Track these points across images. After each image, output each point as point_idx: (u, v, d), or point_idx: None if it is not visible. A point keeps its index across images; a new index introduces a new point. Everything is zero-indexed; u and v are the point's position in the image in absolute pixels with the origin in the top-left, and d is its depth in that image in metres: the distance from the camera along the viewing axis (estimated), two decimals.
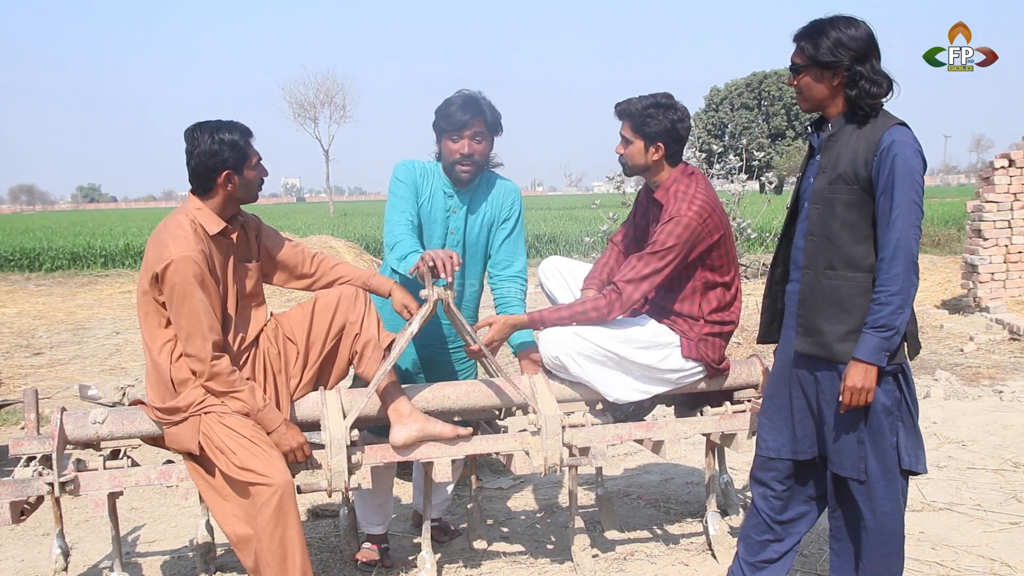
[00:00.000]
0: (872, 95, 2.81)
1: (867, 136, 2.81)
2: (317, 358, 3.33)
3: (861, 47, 2.80)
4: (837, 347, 2.87)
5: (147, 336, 3.14)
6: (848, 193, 2.83)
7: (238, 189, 3.15)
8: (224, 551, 3.98)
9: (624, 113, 3.47)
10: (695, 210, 3.34)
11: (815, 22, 2.90)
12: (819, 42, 2.83)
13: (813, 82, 2.89)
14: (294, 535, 3.03)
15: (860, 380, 2.78)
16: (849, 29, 2.82)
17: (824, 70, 2.84)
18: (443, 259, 3.15)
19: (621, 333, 3.42)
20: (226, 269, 3.19)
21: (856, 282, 2.84)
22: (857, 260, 2.84)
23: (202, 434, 3.06)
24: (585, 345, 3.38)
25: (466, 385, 3.55)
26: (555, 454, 3.34)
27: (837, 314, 2.87)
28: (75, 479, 3.11)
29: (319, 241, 17.21)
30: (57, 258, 20.99)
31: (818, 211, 2.91)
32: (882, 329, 2.75)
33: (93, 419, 3.20)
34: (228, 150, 3.09)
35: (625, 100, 3.48)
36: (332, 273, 3.47)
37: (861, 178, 2.80)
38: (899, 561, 2.98)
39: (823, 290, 2.90)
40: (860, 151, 2.80)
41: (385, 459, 3.30)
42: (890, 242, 2.74)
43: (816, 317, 2.91)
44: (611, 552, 3.92)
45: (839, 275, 2.87)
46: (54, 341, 10.49)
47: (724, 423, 3.60)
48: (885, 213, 2.75)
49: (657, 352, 3.45)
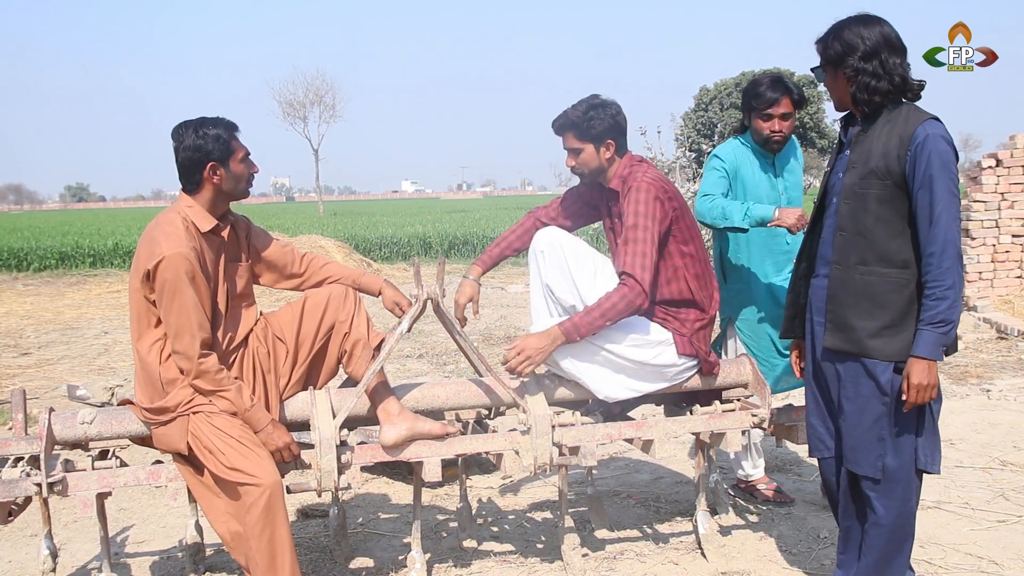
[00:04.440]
0: (870, 89, 2.82)
1: (899, 131, 2.81)
2: (306, 358, 3.33)
3: (871, 44, 2.81)
4: (869, 343, 2.86)
5: (136, 335, 3.13)
6: (881, 188, 2.82)
7: (225, 182, 3.15)
8: (213, 551, 3.97)
9: (565, 126, 3.52)
10: (650, 177, 3.45)
11: (834, 25, 2.93)
12: (829, 42, 2.89)
13: (831, 81, 2.94)
14: (283, 535, 3.03)
15: (925, 377, 2.76)
16: (860, 27, 2.85)
17: (835, 68, 2.89)
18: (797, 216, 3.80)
19: (614, 330, 3.41)
20: (217, 267, 3.19)
21: (890, 277, 2.83)
22: (891, 255, 2.83)
23: (191, 434, 3.05)
24: (582, 343, 3.39)
25: (456, 384, 3.55)
26: (545, 453, 3.34)
27: (870, 310, 2.86)
28: (63, 480, 3.09)
29: (309, 241, 17.20)
30: (45, 258, 20.86)
31: (848, 206, 2.90)
32: (941, 324, 2.75)
33: (81, 419, 3.19)
34: (212, 143, 3.10)
35: (560, 115, 3.54)
36: (321, 272, 3.47)
37: (894, 173, 2.79)
38: (905, 560, 2.98)
39: (855, 285, 2.89)
40: (892, 146, 2.80)
41: (375, 459, 3.30)
42: (937, 237, 2.73)
43: (847, 313, 2.90)
44: (601, 551, 3.92)
45: (872, 270, 2.85)
46: (42, 341, 10.44)
47: (714, 422, 3.60)
48: (925, 208, 2.75)
49: (651, 349, 3.46)
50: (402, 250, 22.62)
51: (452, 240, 23.42)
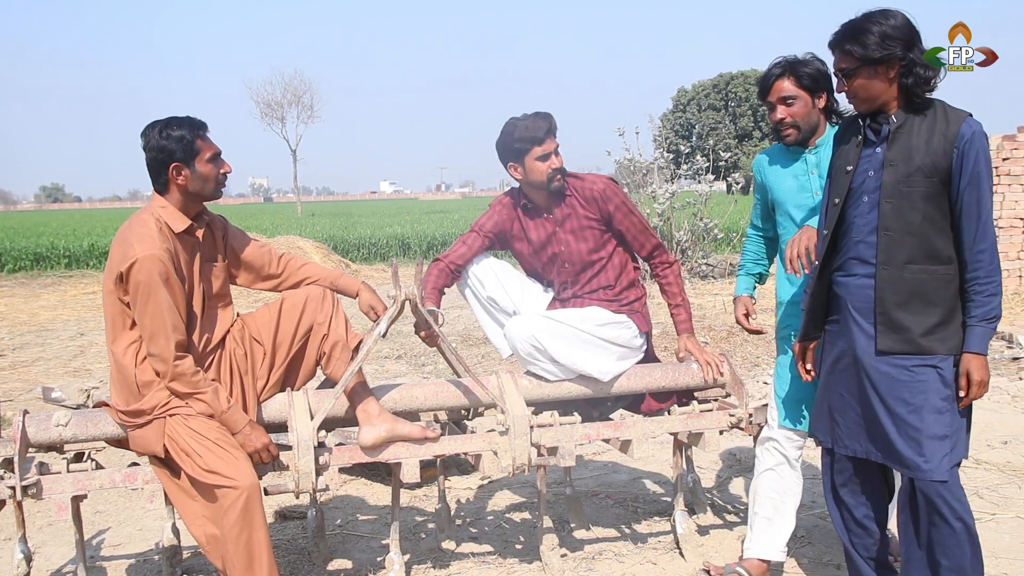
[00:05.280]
0: (927, 80, 2.79)
1: (941, 128, 2.78)
2: (284, 359, 3.31)
3: (906, 35, 2.77)
4: (923, 342, 2.82)
5: (111, 337, 3.11)
6: (927, 186, 2.78)
7: (191, 182, 3.12)
8: (190, 554, 3.95)
9: (556, 129, 3.66)
10: (612, 185, 3.76)
11: (851, 23, 2.84)
12: (865, 40, 2.78)
13: (868, 81, 2.82)
14: (261, 537, 3.02)
15: (984, 373, 2.78)
16: (888, 20, 2.78)
17: (877, 66, 2.79)
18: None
19: (579, 313, 3.63)
20: (192, 268, 3.17)
21: (939, 275, 2.81)
22: (938, 252, 2.81)
23: (167, 437, 3.03)
24: (558, 326, 3.53)
25: (434, 385, 3.55)
26: (523, 454, 3.35)
27: (922, 308, 2.82)
28: (38, 482, 3.07)
29: (287, 241, 17.14)
30: (20, 259, 20.65)
31: (893, 205, 2.83)
32: (994, 320, 2.77)
33: (56, 421, 3.16)
34: (175, 144, 3.08)
35: (541, 124, 3.62)
36: (299, 273, 3.46)
37: (941, 170, 2.76)
38: (981, 560, 2.89)
39: (905, 285, 2.83)
40: (936, 142, 2.77)
41: (353, 460, 3.30)
42: (987, 234, 2.75)
43: (899, 313, 2.84)
44: (580, 551, 3.93)
45: (923, 269, 2.82)
46: (17, 343, 10.34)
47: (691, 422, 3.62)
48: (973, 205, 2.75)
49: (615, 327, 3.65)
50: (381, 251, 22.58)
51: (431, 241, 23.39)
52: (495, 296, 3.73)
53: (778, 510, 3.46)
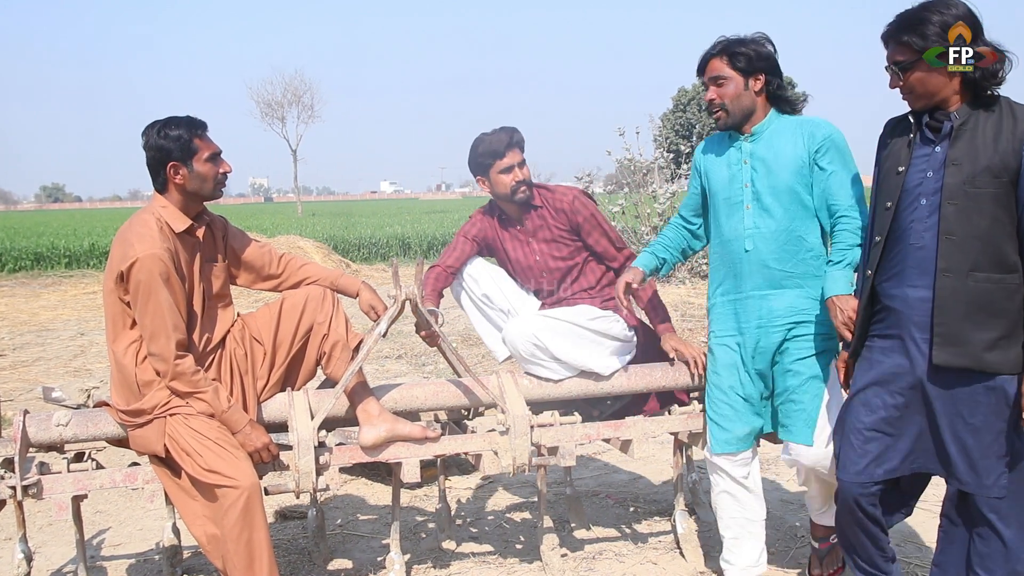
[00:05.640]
0: (995, 73, 2.61)
1: (1009, 125, 2.59)
2: (284, 359, 3.32)
3: (970, 25, 2.59)
4: (986, 357, 2.61)
5: (112, 337, 3.11)
6: (996, 187, 2.58)
7: (189, 182, 3.12)
8: (190, 554, 3.95)
9: (520, 142, 3.72)
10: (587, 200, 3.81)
11: (907, 13, 2.66)
12: (926, 31, 2.60)
13: (926, 75, 2.64)
14: (261, 537, 3.02)
15: None
16: (951, 10, 2.59)
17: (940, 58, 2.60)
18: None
19: (571, 309, 3.67)
20: (192, 268, 3.17)
21: (1004, 283, 2.60)
22: (1005, 259, 2.60)
23: (168, 436, 3.04)
24: (554, 323, 3.56)
25: (435, 385, 3.55)
26: (524, 454, 3.35)
27: (985, 320, 2.60)
28: (38, 482, 3.07)
29: (287, 241, 17.12)
30: (20, 259, 20.65)
31: (956, 207, 2.62)
32: None
33: (57, 421, 3.16)
34: (173, 143, 3.09)
35: (503, 137, 3.67)
36: (299, 273, 3.46)
37: (1011, 169, 2.57)
38: None
39: (968, 295, 2.62)
40: (1005, 141, 2.58)
41: (353, 459, 3.30)
42: None
43: (961, 325, 2.62)
44: (580, 551, 3.93)
45: (989, 277, 2.60)
46: (17, 343, 10.34)
47: (692, 422, 3.62)
48: None
49: (605, 320, 3.66)
50: (381, 251, 22.58)
51: (431, 241, 23.40)
52: (489, 292, 3.79)
53: (744, 528, 3.41)
